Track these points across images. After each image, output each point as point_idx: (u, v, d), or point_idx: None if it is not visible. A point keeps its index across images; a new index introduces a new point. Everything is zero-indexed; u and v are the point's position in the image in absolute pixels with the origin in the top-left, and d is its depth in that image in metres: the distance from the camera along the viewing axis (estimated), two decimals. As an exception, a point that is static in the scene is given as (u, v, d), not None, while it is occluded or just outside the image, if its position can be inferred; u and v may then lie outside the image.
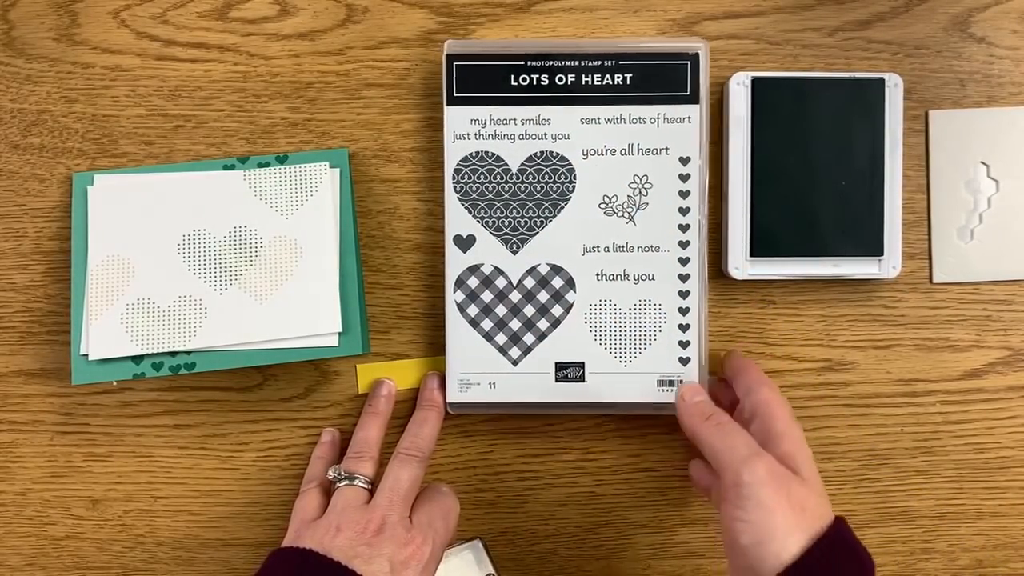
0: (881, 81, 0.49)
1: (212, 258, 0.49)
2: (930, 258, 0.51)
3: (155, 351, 0.48)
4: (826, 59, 0.51)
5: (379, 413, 0.50)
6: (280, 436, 0.52)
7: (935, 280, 0.51)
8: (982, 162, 0.51)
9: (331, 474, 0.47)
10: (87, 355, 0.48)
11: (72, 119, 0.51)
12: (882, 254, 0.50)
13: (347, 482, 0.46)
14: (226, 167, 0.50)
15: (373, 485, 0.46)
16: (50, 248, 0.51)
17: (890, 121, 0.49)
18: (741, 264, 0.50)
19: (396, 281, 0.51)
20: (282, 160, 0.50)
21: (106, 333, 0.48)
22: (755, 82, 0.49)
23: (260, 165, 0.50)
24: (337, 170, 0.50)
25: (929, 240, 0.51)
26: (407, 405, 0.51)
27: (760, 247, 0.49)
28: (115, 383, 0.51)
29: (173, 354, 0.48)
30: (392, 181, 0.51)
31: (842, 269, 0.50)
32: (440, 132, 0.49)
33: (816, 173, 0.49)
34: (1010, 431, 0.52)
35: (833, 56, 0.51)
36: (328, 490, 0.47)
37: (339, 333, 0.48)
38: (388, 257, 0.51)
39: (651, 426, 0.52)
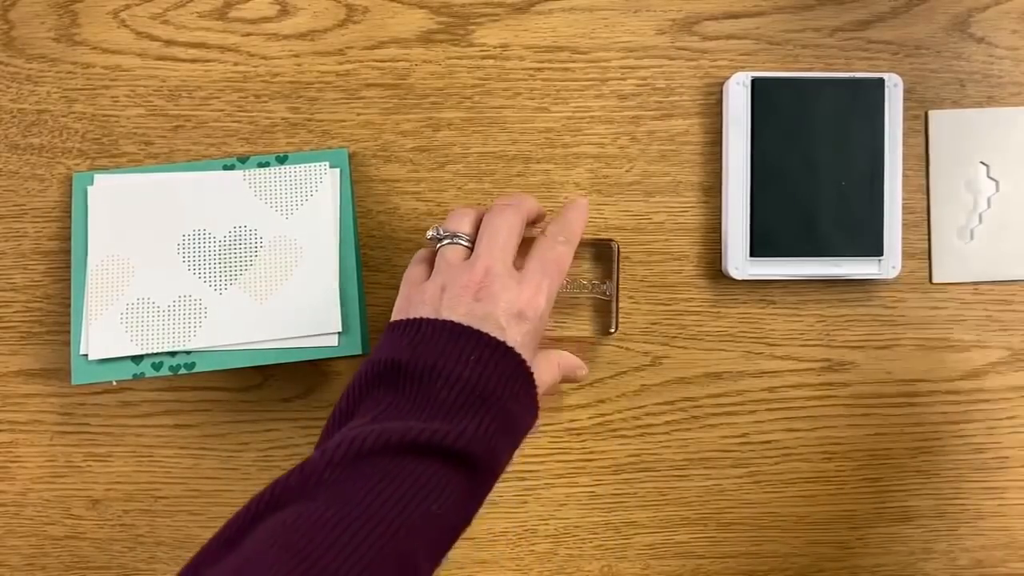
0: (881, 81, 0.49)
1: (212, 258, 0.49)
2: (930, 258, 0.51)
3: (155, 351, 0.48)
4: (826, 59, 0.51)
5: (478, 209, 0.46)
6: (280, 436, 0.52)
7: (935, 280, 0.51)
8: (982, 162, 0.51)
9: (430, 233, 0.44)
10: (87, 355, 0.48)
11: (72, 119, 0.51)
12: (882, 254, 0.50)
13: (448, 241, 0.43)
14: (226, 167, 0.50)
15: (473, 243, 0.43)
16: (50, 248, 0.51)
17: (890, 121, 0.49)
18: (741, 264, 0.50)
19: (396, 281, 0.51)
20: (282, 160, 0.50)
21: (106, 333, 0.48)
22: (755, 82, 0.49)
23: (260, 165, 0.50)
24: (337, 170, 0.50)
25: (929, 240, 0.51)
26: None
27: (760, 247, 0.49)
28: (115, 383, 0.51)
29: (173, 354, 0.48)
30: (392, 181, 0.51)
31: (842, 269, 0.50)
32: (440, 132, 0.49)
33: (816, 173, 0.49)
34: (1010, 431, 0.52)
35: (833, 56, 0.51)
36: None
37: (339, 333, 0.48)
38: (388, 257, 0.51)
39: (652, 426, 0.52)
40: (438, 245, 0.44)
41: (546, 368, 0.44)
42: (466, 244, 0.43)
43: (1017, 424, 0.52)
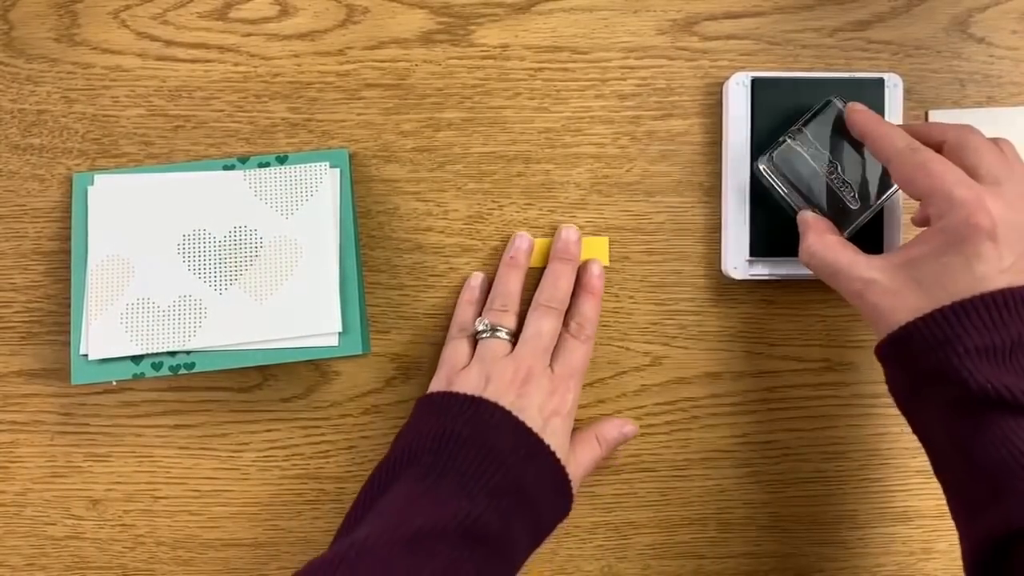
0: (881, 81, 0.49)
1: (212, 258, 0.49)
2: (930, 258, 0.51)
3: (155, 351, 0.48)
4: (826, 59, 0.51)
5: (519, 266, 0.50)
6: (280, 436, 0.52)
7: (935, 280, 0.51)
8: (982, 162, 0.51)
9: (479, 327, 0.48)
10: (87, 355, 0.48)
11: (72, 119, 0.51)
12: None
13: (491, 334, 0.48)
14: (226, 167, 0.50)
15: (513, 337, 0.48)
16: (50, 248, 0.51)
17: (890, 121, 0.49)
18: (741, 264, 0.50)
19: (396, 281, 0.51)
20: (282, 160, 0.50)
21: (106, 333, 0.48)
22: (755, 82, 0.49)
23: (260, 165, 0.50)
24: (337, 170, 0.50)
25: (929, 240, 0.51)
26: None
27: (759, 247, 0.49)
28: (115, 383, 0.51)
29: (173, 354, 0.48)
30: (392, 181, 0.51)
31: (842, 269, 0.50)
32: (440, 132, 0.49)
33: (815, 173, 0.49)
34: (1010, 431, 0.52)
35: (833, 56, 0.51)
36: (474, 339, 0.49)
37: (339, 333, 0.48)
38: (388, 257, 0.51)
39: (652, 426, 0.52)
40: (481, 336, 0.48)
41: (585, 451, 0.48)
42: (508, 339, 0.48)
43: (1017, 424, 0.52)
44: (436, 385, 0.48)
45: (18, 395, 0.52)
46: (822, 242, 0.44)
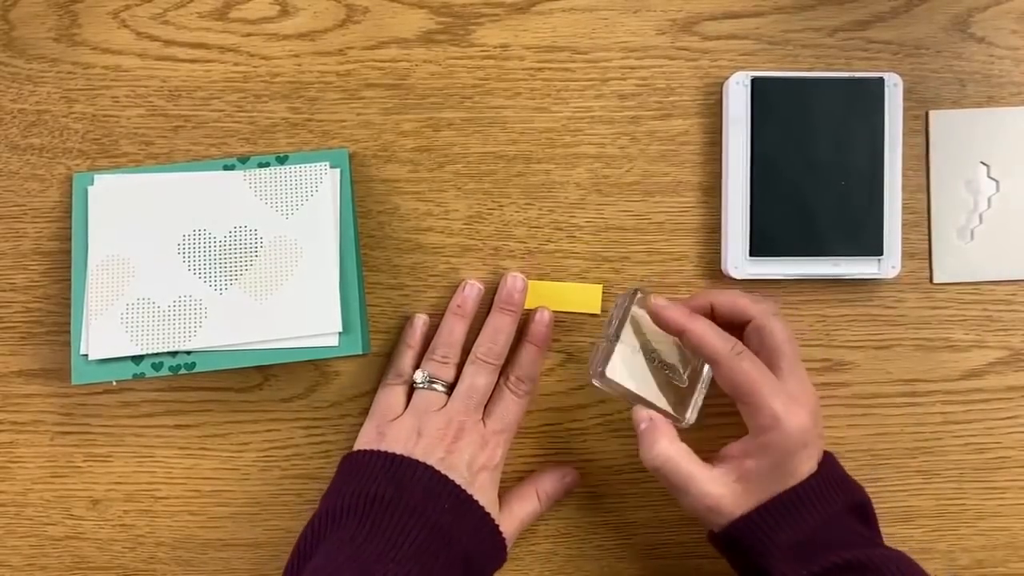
0: (881, 81, 0.49)
1: (212, 258, 0.49)
2: (930, 258, 0.51)
3: (155, 351, 0.48)
4: (826, 59, 0.51)
5: (465, 316, 0.49)
6: (280, 436, 0.52)
7: (935, 280, 0.51)
8: (982, 162, 0.51)
9: (417, 377, 0.48)
10: (87, 355, 0.48)
11: (72, 119, 0.51)
12: (882, 254, 0.50)
13: (427, 385, 0.48)
14: (226, 167, 0.50)
15: (450, 389, 0.48)
16: (50, 248, 0.51)
17: (890, 121, 0.49)
18: (740, 264, 0.50)
19: (396, 281, 0.51)
20: (282, 160, 0.50)
21: (106, 333, 0.48)
22: (755, 82, 0.49)
23: (260, 165, 0.50)
24: (337, 170, 0.50)
25: (929, 240, 0.51)
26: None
27: (759, 247, 0.49)
28: (115, 383, 0.51)
29: (173, 354, 0.48)
30: (392, 181, 0.51)
31: (842, 269, 0.50)
32: (440, 132, 0.49)
33: (816, 173, 0.49)
34: (1010, 431, 0.52)
35: (833, 56, 0.51)
36: (410, 387, 0.49)
37: (339, 333, 0.48)
38: (388, 257, 0.51)
39: (651, 426, 0.52)
40: (419, 386, 0.48)
41: (523, 505, 0.49)
42: (444, 392, 0.48)
43: (1017, 424, 0.52)
44: (366, 435, 0.48)
45: (18, 395, 0.52)
46: (676, 450, 0.44)
